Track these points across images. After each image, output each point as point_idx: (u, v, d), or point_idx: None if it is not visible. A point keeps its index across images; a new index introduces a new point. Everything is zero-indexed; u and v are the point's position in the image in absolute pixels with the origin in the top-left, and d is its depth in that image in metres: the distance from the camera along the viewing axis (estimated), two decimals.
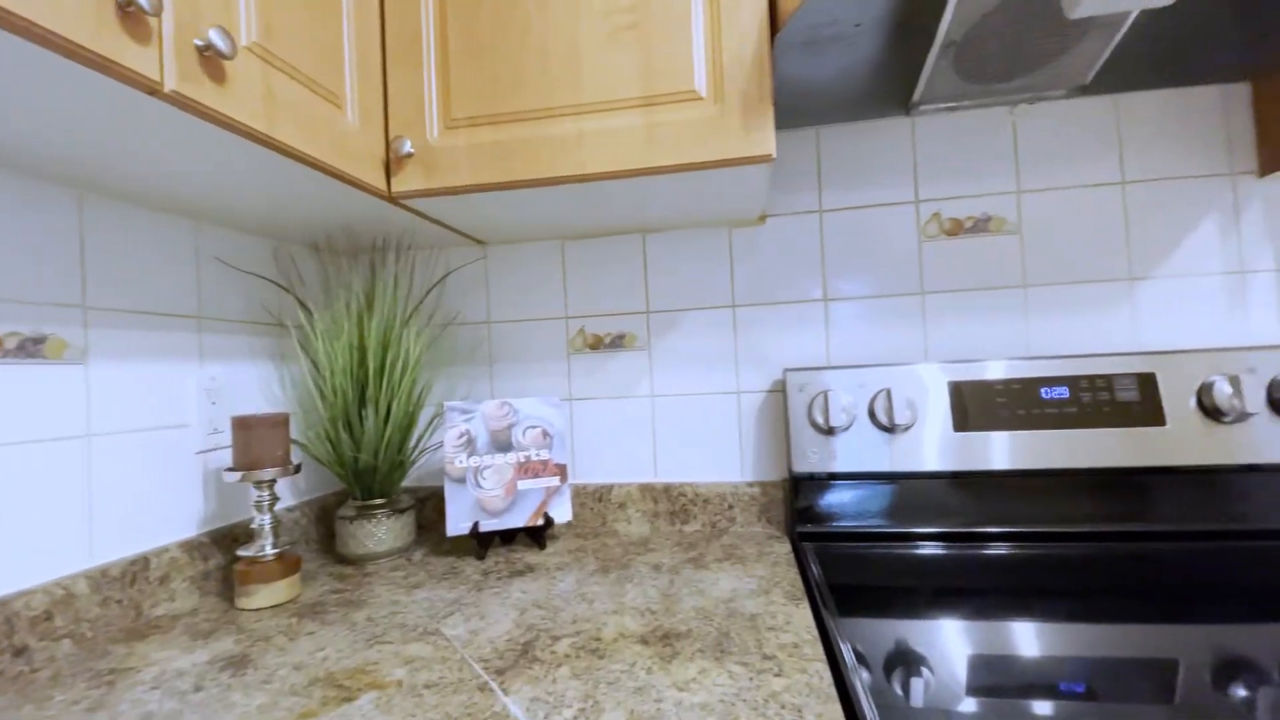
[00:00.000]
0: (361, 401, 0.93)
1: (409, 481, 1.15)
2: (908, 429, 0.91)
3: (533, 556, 0.92)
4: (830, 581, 0.77)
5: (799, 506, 0.95)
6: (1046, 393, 0.89)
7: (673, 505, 1.05)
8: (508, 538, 0.98)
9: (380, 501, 0.96)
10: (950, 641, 0.61)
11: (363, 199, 0.81)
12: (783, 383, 1.03)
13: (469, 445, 0.94)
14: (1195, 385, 0.86)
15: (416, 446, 1.01)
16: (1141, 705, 0.49)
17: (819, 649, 0.59)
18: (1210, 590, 0.71)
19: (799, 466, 0.94)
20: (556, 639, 0.64)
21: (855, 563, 0.85)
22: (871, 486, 0.93)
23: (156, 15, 0.48)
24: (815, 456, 0.94)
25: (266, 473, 0.79)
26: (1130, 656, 0.57)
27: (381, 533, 0.93)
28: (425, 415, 1.13)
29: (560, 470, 0.97)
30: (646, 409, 1.09)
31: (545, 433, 0.98)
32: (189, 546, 0.80)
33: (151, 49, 0.49)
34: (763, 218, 1.06)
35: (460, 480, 0.93)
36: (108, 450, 0.73)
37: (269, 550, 0.78)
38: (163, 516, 0.79)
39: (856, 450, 0.93)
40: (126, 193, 0.74)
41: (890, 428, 0.91)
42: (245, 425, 0.79)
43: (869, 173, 1.04)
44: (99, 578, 0.69)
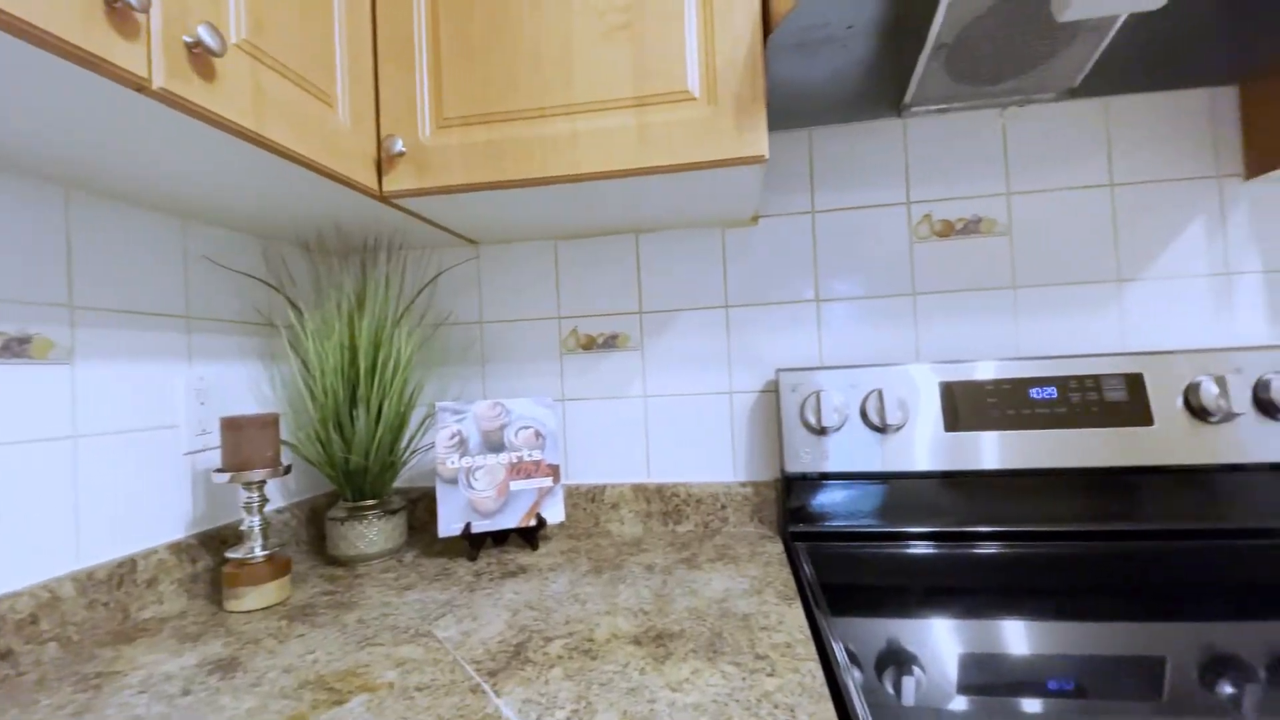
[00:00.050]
0: (352, 402, 0.93)
1: (400, 482, 1.14)
2: (899, 429, 0.92)
3: (525, 557, 0.92)
4: (822, 581, 0.77)
5: (791, 506, 0.95)
6: (1036, 393, 0.90)
7: (665, 505, 1.05)
8: (500, 539, 0.98)
9: (371, 503, 0.95)
10: (941, 640, 0.62)
11: (354, 198, 0.81)
12: (775, 383, 1.04)
13: (461, 446, 0.94)
14: (1182, 386, 0.87)
15: (408, 447, 1.01)
16: (1129, 702, 0.50)
17: (811, 648, 0.59)
18: (1197, 588, 0.72)
19: (791, 466, 0.94)
20: (549, 640, 0.64)
21: (847, 562, 0.85)
22: (863, 486, 0.93)
23: (145, 11, 0.47)
24: (807, 456, 0.94)
25: (256, 474, 0.78)
26: (1118, 654, 0.57)
27: (372, 534, 0.92)
28: (417, 416, 1.13)
29: (553, 471, 0.97)
30: (639, 409, 1.09)
31: (538, 433, 0.97)
32: (177, 548, 0.79)
33: (139, 45, 0.49)
34: (755, 218, 1.06)
35: (452, 481, 0.92)
36: (94, 451, 0.72)
37: (258, 552, 0.78)
38: (150, 518, 0.78)
39: (848, 450, 0.93)
40: (115, 191, 0.73)
41: (882, 428, 0.91)
42: (234, 426, 0.78)
43: (861, 174, 1.04)
44: (85, 580, 0.68)
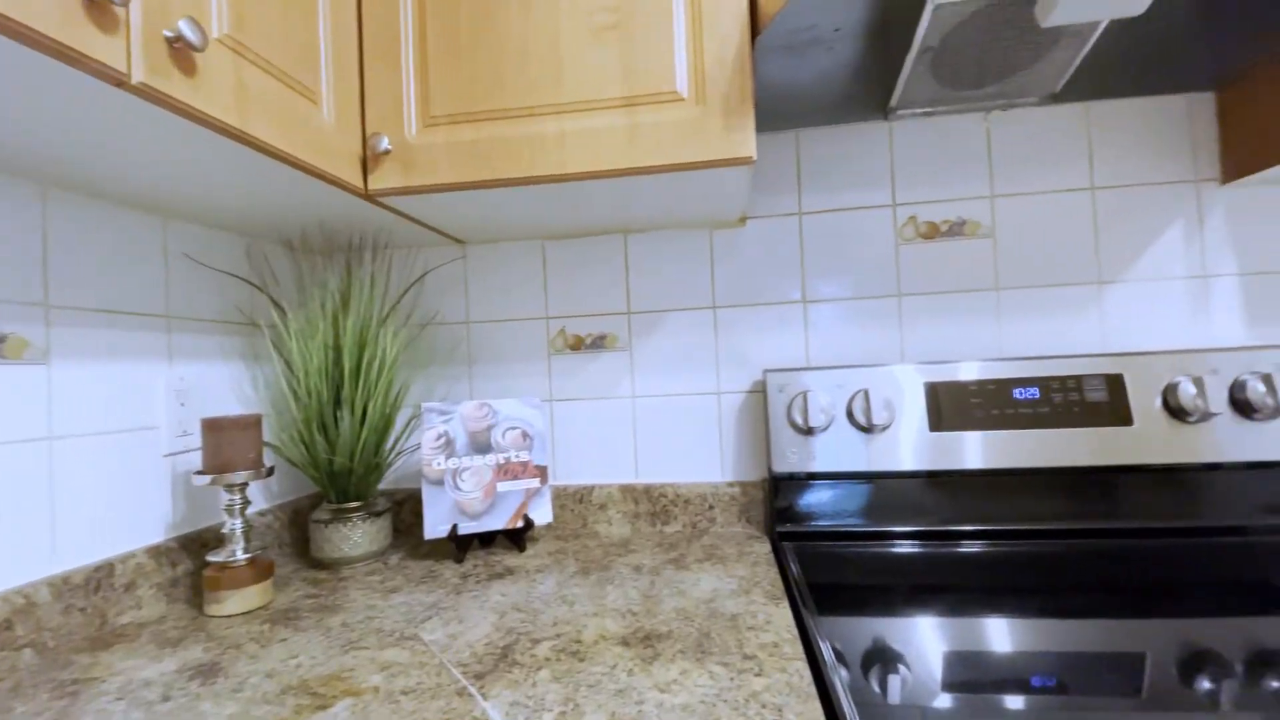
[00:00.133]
0: (337, 402, 0.92)
1: (386, 484, 1.13)
2: (885, 429, 0.93)
3: (512, 559, 0.91)
4: (809, 580, 0.78)
5: (779, 506, 0.95)
6: (1018, 393, 0.91)
7: (653, 506, 1.05)
8: (487, 540, 0.97)
9: (356, 504, 0.94)
10: (926, 638, 0.62)
11: (339, 196, 0.80)
12: (763, 383, 1.04)
13: (447, 447, 0.93)
14: (1161, 386, 0.89)
15: (393, 448, 1.00)
16: (1111, 698, 0.51)
17: (799, 648, 0.59)
18: (1176, 585, 0.73)
19: (778, 466, 0.95)
20: (536, 642, 0.63)
21: (834, 562, 0.85)
22: (850, 486, 0.94)
23: (124, 5, 0.46)
24: (795, 456, 0.94)
25: (238, 476, 0.77)
26: (1099, 650, 0.58)
27: (357, 536, 0.91)
28: (402, 416, 1.12)
29: (540, 472, 0.96)
30: (627, 410, 1.09)
31: (525, 434, 0.97)
32: (156, 552, 0.78)
33: (119, 40, 0.48)
34: (743, 219, 1.06)
35: (438, 482, 0.91)
36: (71, 453, 0.70)
37: (240, 555, 0.76)
38: (129, 521, 0.77)
39: (835, 450, 0.93)
40: (93, 188, 0.71)
41: (868, 428, 0.92)
42: (216, 427, 0.77)
43: (848, 176, 1.05)
44: (61, 585, 0.67)
